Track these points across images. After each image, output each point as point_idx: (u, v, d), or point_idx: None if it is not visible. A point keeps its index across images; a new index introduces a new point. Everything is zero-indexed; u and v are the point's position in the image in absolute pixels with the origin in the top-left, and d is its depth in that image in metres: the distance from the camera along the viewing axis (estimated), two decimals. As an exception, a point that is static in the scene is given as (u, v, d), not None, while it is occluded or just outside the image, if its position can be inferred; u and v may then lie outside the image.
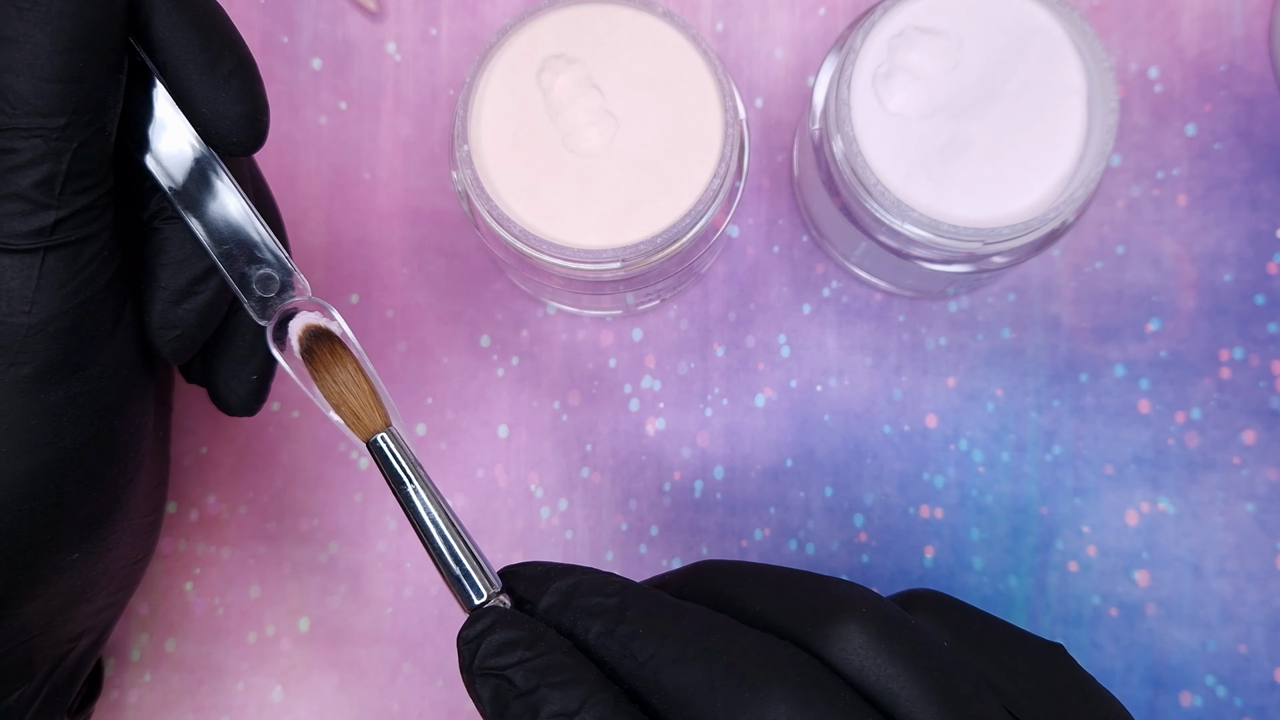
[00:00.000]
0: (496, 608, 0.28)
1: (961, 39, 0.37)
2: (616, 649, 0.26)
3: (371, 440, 0.30)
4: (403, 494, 0.30)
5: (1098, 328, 0.44)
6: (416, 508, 0.29)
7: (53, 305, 0.28)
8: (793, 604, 0.26)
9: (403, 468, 0.30)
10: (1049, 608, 0.43)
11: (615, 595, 0.27)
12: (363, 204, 0.45)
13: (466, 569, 0.29)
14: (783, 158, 0.45)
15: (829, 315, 0.45)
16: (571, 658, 0.26)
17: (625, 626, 0.26)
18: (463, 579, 0.29)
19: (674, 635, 0.25)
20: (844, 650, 0.25)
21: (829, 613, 0.25)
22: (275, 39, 0.46)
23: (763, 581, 0.27)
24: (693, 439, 0.44)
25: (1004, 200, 0.37)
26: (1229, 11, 0.45)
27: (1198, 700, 0.43)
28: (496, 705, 0.26)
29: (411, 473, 0.30)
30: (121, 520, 0.33)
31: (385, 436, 0.30)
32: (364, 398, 0.31)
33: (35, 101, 0.27)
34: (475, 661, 0.26)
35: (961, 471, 0.44)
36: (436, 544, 0.29)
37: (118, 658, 0.43)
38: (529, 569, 0.29)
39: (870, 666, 0.25)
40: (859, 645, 0.25)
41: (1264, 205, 0.44)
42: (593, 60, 0.37)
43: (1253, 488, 0.43)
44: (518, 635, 0.26)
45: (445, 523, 0.29)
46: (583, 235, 0.37)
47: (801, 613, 0.26)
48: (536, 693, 0.25)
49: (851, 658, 0.25)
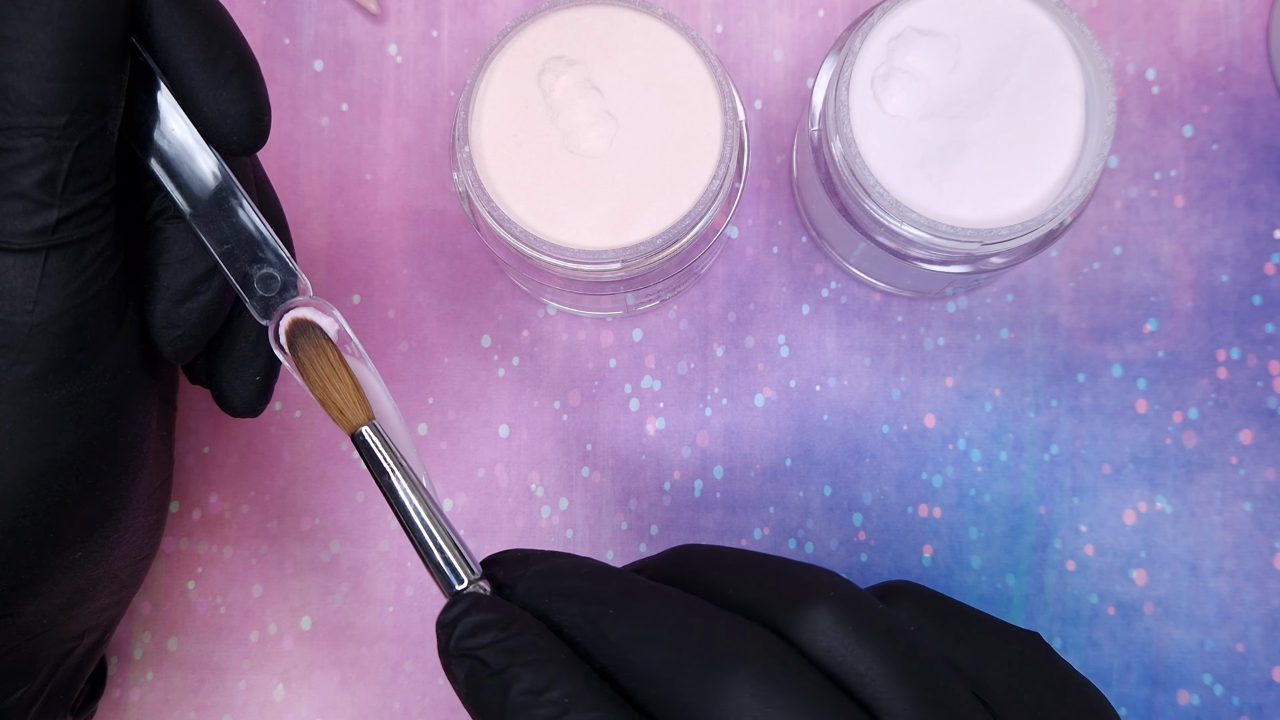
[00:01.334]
0: (474, 593, 0.28)
1: (960, 41, 0.38)
2: (589, 629, 0.26)
3: (355, 433, 0.31)
4: (385, 484, 0.30)
5: (1095, 328, 0.44)
6: (399, 497, 0.30)
7: (55, 305, 0.28)
8: (765, 587, 0.26)
9: (384, 459, 0.30)
10: (1047, 606, 0.43)
11: (589, 578, 0.27)
12: (364, 205, 0.45)
13: (447, 556, 0.29)
14: (782, 159, 0.46)
15: (828, 315, 0.45)
16: (543, 638, 0.26)
17: (598, 607, 0.26)
18: (444, 566, 0.29)
19: (644, 615, 0.26)
20: (812, 632, 0.25)
21: (799, 596, 0.26)
22: (277, 40, 0.46)
23: (737, 565, 0.27)
24: (692, 439, 0.45)
25: (1002, 201, 0.37)
26: (1226, 13, 0.45)
27: (1195, 699, 0.43)
28: (470, 685, 0.26)
29: (393, 464, 0.30)
30: (124, 519, 0.33)
31: (368, 429, 0.30)
32: (347, 392, 0.31)
33: (36, 100, 0.27)
34: (451, 643, 0.27)
35: (960, 471, 0.44)
36: (419, 532, 0.29)
37: (120, 656, 0.43)
38: (508, 555, 0.29)
39: (837, 647, 0.25)
40: (827, 627, 0.25)
41: (1261, 206, 0.44)
42: (593, 62, 0.37)
43: (1250, 487, 0.44)
44: (491, 617, 0.26)
45: (427, 512, 0.30)
46: (583, 236, 0.37)
47: (773, 596, 0.26)
48: (508, 671, 0.25)
49: (819, 639, 0.25)
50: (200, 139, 0.30)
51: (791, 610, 0.26)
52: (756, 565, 0.27)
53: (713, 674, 0.24)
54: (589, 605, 0.26)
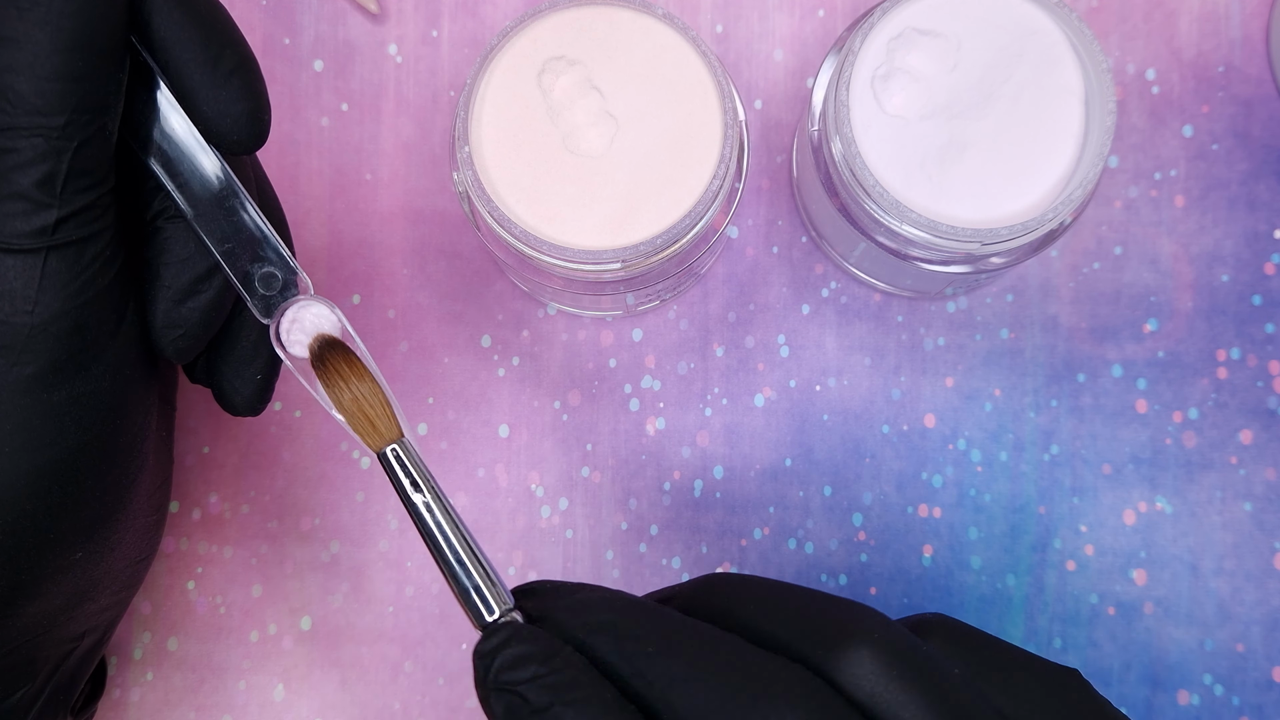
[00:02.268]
0: (512, 622, 0.27)
1: (960, 41, 0.38)
2: (626, 668, 0.25)
3: (382, 452, 0.30)
4: (412, 507, 0.29)
5: (1095, 328, 0.44)
6: (427, 521, 0.29)
7: (55, 305, 0.28)
8: (803, 625, 0.26)
9: (415, 480, 0.29)
10: (1046, 606, 0.43)
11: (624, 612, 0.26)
12: (364, 205, 0.45)
13: (478, 584, 0.28)
14: (782, 159, 0.46)
15: (828, 315, 0.45)
16: (586, 674, 0.25)
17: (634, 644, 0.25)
18: (473, 593, 0.28)
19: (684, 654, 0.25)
20: (855, 675, 0.25)
21: (840, 636, 0.25)
22: (277, 41, 0.46)
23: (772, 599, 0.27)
24: (692, 438, 0.45)
25: (1002, 201, 0.37)
26: (1227, 13, 0.45)
27: (1195, 699, 0.43)
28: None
29: (424, 484, 0.29)
30: (124, 519, 0.33)
31: (398, 447, 0.30)
32: (380, 409, 0.30)
33: (36, 101, 0.27)
34: (490, 676, 0.26)
35: (960, 471, 0.44)
36: (448, 558, 0.29)
37: (120, 656, 0.43)
38: (539, 587, 0.28)
39: (881, 693, 0.24)
40: (870, 671, 0.24)
41: (1261, 206, 0.44)
42: (593, 62, 0.37)
43: (1250, 487, 0.44)
44: (532, 650, 0.26)
45: (457, 536, 0.29)
46: (583, 236, 0.37)
47: (812, 634, 0.25)
48: (550, 710, 0.25)
49: (862, 683, 0.24)
50: (201, 138, 0.30)
51: (832, 651, 0.25)
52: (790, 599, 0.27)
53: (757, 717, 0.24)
54: (625, 642, 0.25)
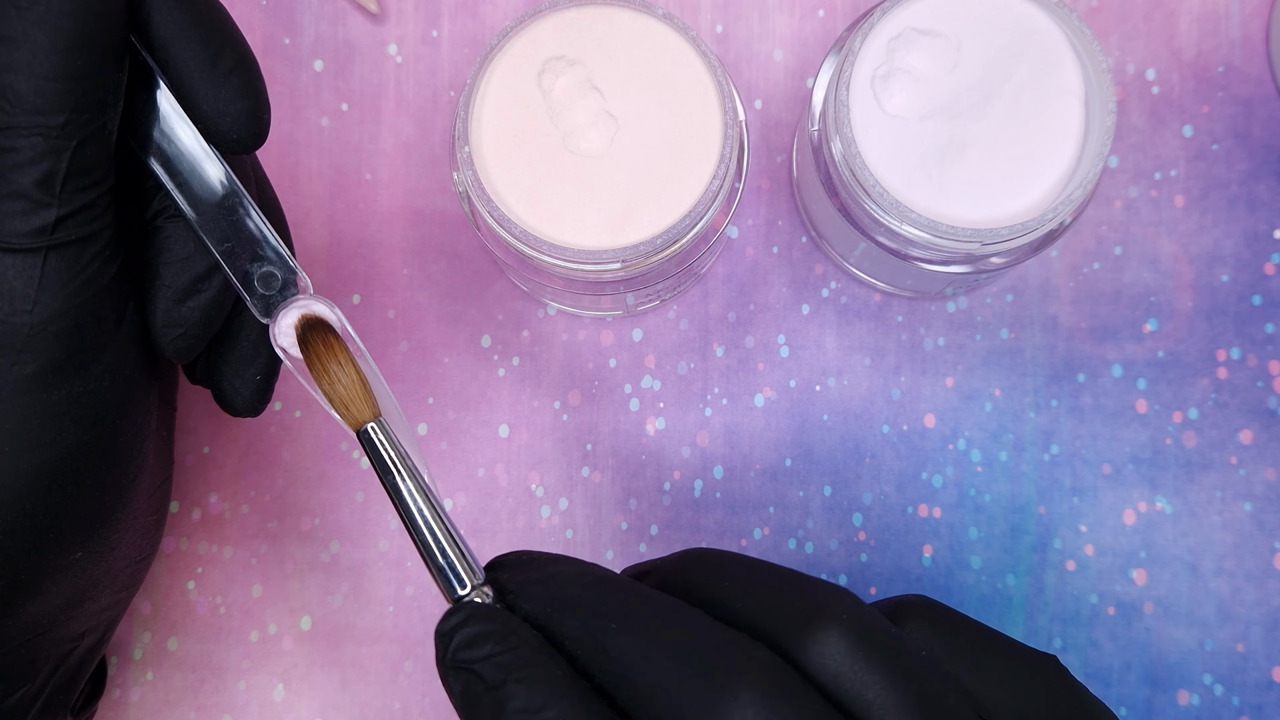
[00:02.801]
0: (472, 601, 0.28)
1: (960, 41, 0.38)
2: (589, 643, 0.25)
3: (361, 430, 0.30)
4: (389, 484, 0.30)
5: (1095, 328, 0.44)
6: (404, 497, 0.29)
7: (55, 305, 0.28)
8: (774, 604, 0.26)
9: (390, 458, 0.30)
10: (1046, 606, 0.43)
11: (591, 587, 0.26)
12: (364, 205, 0.45)
13: (451, 559, 0.29)
14: (782, 159, 0.46)
15: (828, 315, 0.45)
16: (541, 653, 0.25)
17: (598, 620, 0.25)
18: (446, 570, 0.29)
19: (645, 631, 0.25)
20: (820, 655, 0.24)
21: (809, 616, 0.25)
22: (277, 40, 0.46)
23: (747, 578, 0.27)
24: (692, 439, 0.45)
25: (1002, 201, 0.37)
26: (1226, 13, 0.45)
27: (1195, 699, 0.43)
28: (466, 699, 0.25)
29: (399, 463, 0.30)
30: (124, 519, 0.33)
31: (374, 427, 0.30)
32: (354, 388, 0.31)
33: (35, 100, 0.27)
34: (449, 654, 0.26)
35: (960, 471, 0.44)
36: (422, 534, 0.29)
37: (120, 656, 0.43)
38: (512, 559, 0.28)
39: (846, 673, 0.24)
40: (837, 651, 0.24)
41: (1261, 206, 0.44)
42: (593, 62, 0.37)
43: (1250, 487, 0.44)
44: (489, 629, 0.26)
45: (431, 513, 0.29)
46: (583, 236, 0.37)
47: (782, 614, 0.25)
48: (503, 688, 0.25)
49: (828, 663, 0.24)
50: (199, 137, 0.30)
51: (800, 631, 0.25)
52: (766, 579, 0.26)
53: (711, 696, 0.24)
54: (590, 618, 0.26)
